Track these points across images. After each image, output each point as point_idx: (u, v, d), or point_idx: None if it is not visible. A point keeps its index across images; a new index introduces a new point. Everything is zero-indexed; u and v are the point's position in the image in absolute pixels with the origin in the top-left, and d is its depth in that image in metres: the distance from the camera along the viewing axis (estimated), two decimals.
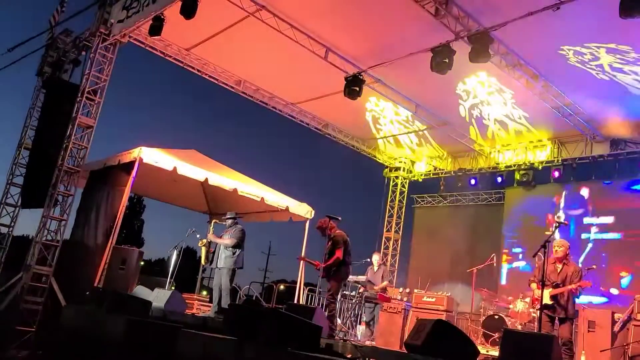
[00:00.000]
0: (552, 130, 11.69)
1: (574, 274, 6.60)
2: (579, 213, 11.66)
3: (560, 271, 6.66)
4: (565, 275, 6.60)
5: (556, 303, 6.55)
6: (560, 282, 6.62)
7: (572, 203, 11.85)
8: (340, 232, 7.69)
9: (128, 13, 9.19)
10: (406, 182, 15.33)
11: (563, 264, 6.71)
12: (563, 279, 6.61)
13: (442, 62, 8.05)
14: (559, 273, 6.66)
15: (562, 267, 6.68)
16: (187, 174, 8.75)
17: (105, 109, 9.51)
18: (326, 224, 7.72)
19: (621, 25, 6.84)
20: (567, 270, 6.63)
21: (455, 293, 11.96)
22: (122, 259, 8.61)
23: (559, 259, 6.74)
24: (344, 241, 7.56)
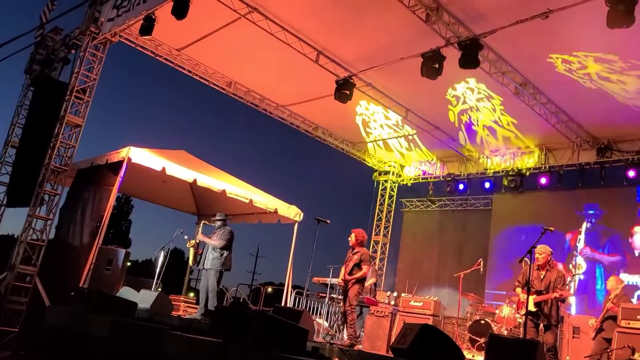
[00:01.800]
0: (540, 137, 11.79)
1: (557, 280, 6.61)
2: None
3: (544, 278, 6.68)
4: (549, 281, 6.62)
5: (540, 310, 6.58)
6: (543, 289, 6.63)
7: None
8: (366, 249, 7.99)
9: (118, 12, 9.14)
10: (395, 186, 15.38)
11: (546, 270, 6.73)
12: (546, 286, 6.62)
13: (432, 67, 8.09)
14: (542, 280, 6.68)
15: (545, 274, 6.71)
16: (176, 175, 8.72)
17: (94, 108, 9.45)
18: (364, 237, 8.03)
19: (608, 34, 6.93)
20: (551, 277, 6.65)
21: (442, 297, 12.04)
22: (108, 260, 8.54)
23: (541, 265, 6.77)
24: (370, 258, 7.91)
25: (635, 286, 10.38)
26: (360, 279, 7.74)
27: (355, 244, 7.92)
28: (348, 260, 7.87)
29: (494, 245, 13.08)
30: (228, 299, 11.99)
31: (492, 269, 12.54)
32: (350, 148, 14.34)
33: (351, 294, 7.68)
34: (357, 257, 7.74)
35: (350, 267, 7.71)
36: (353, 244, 7.94)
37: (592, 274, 11.29)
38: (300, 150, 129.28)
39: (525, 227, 12.12)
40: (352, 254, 7.89)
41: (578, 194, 11.89)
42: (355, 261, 7.70)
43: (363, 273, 7.71)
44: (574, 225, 11.80)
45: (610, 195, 11.48)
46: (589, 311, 9.91)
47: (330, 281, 9.91)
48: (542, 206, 12.39)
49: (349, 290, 7.70)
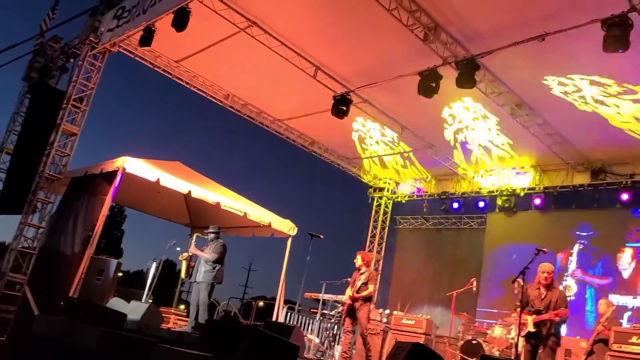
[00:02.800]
0: (534, 157, 11.85)
1: (558, 301, 6.35)
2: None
3: (545, 297, 6.42)
4: (549, 301, 6.36)
5: (539, 331, 6.33)
6: (543, 308, 6.38)
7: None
8: (372, 270, 8.15)
9: (119, 22, 9.20)
10: (390, 203, 15.38)
11: (547, 290, 6.47)
12: (547, 306, 6.36)
13: (429, 86, 8.16)
14: (542, 299, 6.42)
15: (546, 294, 6.44)
16: (170, 186, 8.69)
17: (90, 118, 9.45)
18: (370, 259, 8.26)
19: (604, 58, 7.02)
20: (552, 297, 6.39)
21: (435, 316, 11.98)
22: (99, 270, 8.44)
23: (543, 285, 6.48)
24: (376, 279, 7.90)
25: (625, 307, 10.38)
26: (367, 298, 7.88)
27: (362, 265, 8.02)
28: (355, 280, 7.94)
29: (486, 264, 13.06)
30: (219, 312, 11.90)
31: (485, 288, 12.51)
32: (345, 164, 14.36)
33: (362, 317, 7.80)
34: (365, 277, 7.84)
35: (358, 287, 7.80)
36: (360, 265, 8.03)
37: (582, 295, 11.28)
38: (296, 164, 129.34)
39: (518, 247, 12.12)
40: (359, 274, 7.96)
41: (571, 215, 11.93)
42: (363, 281, 7.81)
43: (370, 292, 7.83)
44: (565, 246, 11.82)
45: (603, 217, 11.52)
46: (578, 332, 9.87)
47: (322, 297, 9.86)
48: (535, 226, 12.40)
49: (357, 311, 7.79)
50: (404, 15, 7.82)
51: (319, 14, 8.48)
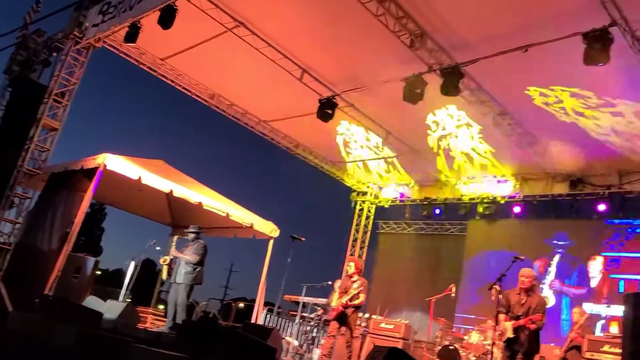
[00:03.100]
0: (515, 166, 11.99)
1: (537, 307, 6.33)
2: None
3: (524, 303, 6.40)
4: (529, 307, 6.34)
5: (518, 337, 6.30)
6: (522, 314, 6.35)
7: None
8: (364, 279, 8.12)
9: (104, 18, 9.12)
10: (372, 207, 15.43)
11: (527, 295, 6.43)
12: (525, 311, 6.34)
13: (414, 92, 8.23)
14: (522, 305, 6.40)
15: (526, 299, 6.41)
16: (152, 184, 8.62)
17: (72, 113, 9.35)
18: (362, 266, 8.24)
19: (585, 71, 7.14)
20: (531, 303, 6.36)
21: (414, 321, 12.03)
22: (76, 267, 8.34)
23: (524, 289, 6.45)
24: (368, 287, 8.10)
25: (598, 316, 10.55)
26: (358, 306, 7.94)
27: (355, 273, 8.02)
28: (346, 287, 7.94)
29: (466, 270, 13.19)
30: (198, 313, 11.81)
31: (463, 294, 12.61)
32: (329, 167, 14.38)
33: (352, 323, 7.88)
34: (358, 285, 7.86)
35: (350, 294, 7.81)
36: (352, 273, 8.03)
37: (558, 304, 11.45)
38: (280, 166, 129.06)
39: (497, 254, 12.24)
40: (351, 282, 7.96)
41: (549, 224, 12.10)
42: (355, 289, 7.83)
43: (361, 301, 7.88)
44: (543, 254, 12.00)
45: (580, 227, 11.73)
46: (553, 339, 10.00)
47: (302, 299, 9.85)
48: (515, 234, 12.55)
49: (347, 318, 7.82)
50: (391, 22, 7.88)
51: (307, 17, 8.49)
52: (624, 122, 9.10)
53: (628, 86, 8.17)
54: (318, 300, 10.48)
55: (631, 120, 9.02)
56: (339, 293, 8.04)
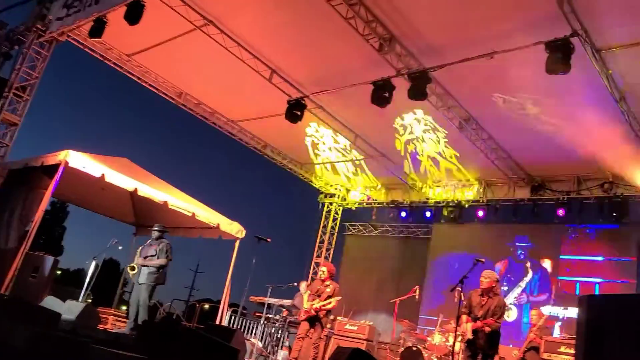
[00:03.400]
0: (479, 171, 12.23)
1: (496, 309, 6.44)
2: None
3: (484, 304, 6.51)
4: (488, 309, 6.46)
5: (476, 338, 6.41)
6: (481, 316, 6.46)
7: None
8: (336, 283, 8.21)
9: (69, 11, 8.91)
10: (340, 209, 15.50)
11: (488, 297, 6.54)
12: (485, 313, 6.46)
13: (382, 96, 8.31)
14: (482, 306, 6.51)
15: (486, 301, 6.52)
16: (116, 183, 8.45)
17: (33, 108, 9.09)
18: (334, 271, 8.30)
19: (547, 80, 7.35)
20: (491, 304, 6.48)
21: (379, 322, 12.14)
22: (34, 266, 8.09)
23: (484, 290, 6.56)
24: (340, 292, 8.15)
25: (556, 317, 10.86)
26: (327, 314, 8.08)
27: (327, 277, 8.08)
28: (319, 291, 7.98)
29: (430, 272, 13.38)
30: (161, 314, 11.63)
31: (427, 296, 12.81)
32: (297, 168, 14.38)
33: (323, 325, 7.99)
34: (331, 290, 7.93)
35: (323, 299, 7.88)
36: (325, 277, 8.07)
37: (519, 307, 11.72)
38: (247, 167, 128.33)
39: (460, 257, 12.47)
40: (324, 286, 8.00)
41: (511, 228, 12.40)
42: (328, 293, 7.90)
43: (333, 306, 7.99)
44: (504, 256, 12.30)
45: (541, 231, 12.07)
46: (513, 341, 10.24)
47: (267, 301, 9.81)
48: (478, 237, 12.81)
49: (320, 320, 7.88)
50: (361, 25, 7.94)
51: (276, 17, 8.47)
52: (583, 130, 9.38)
53: (587, 96, 8.43)
54: (283, 302, 10.47)
55: (589, 129, 9.30)
56: (310, 296, 8.05)
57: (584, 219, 11.31)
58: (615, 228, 10.86)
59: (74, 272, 38.96)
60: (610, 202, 10.55)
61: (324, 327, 8.15)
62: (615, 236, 10.87)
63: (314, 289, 8.11)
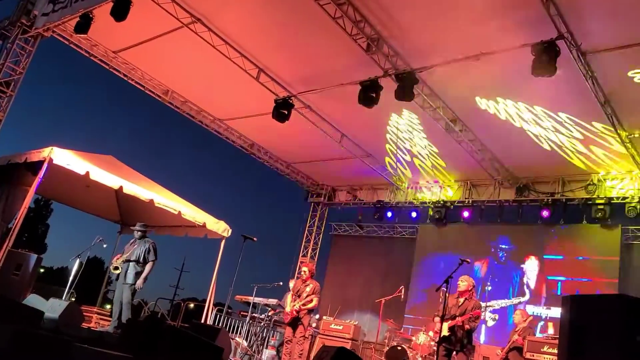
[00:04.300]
0: (465, 172, 12.32)
1: (473, 309, 6.84)
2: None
3: (461, 305, 6.92)
4: (465, 309, 6.85)
5: (453, 335, 6.78)
6: (458, 314, 6.85)
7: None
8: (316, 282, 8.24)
9: (54, 7, 8.81)
10: (326, 209, 15.51)
11: (465, 298, 6.97)
12: (462, 312, 6.84)
13: (370, 96, 8.34)
14: (459, 306, 6.92)
15: (463, 301, 6.95)
16: (101, 180, 8.35)
17: (17, 103, 8.98)
18: (314, 270, 8.32)
19: (533, 83, 7.45)
20: (468, 305, 6.89)
21: (364, 322, 12.18)
22: (17, 264, 8.00)
23: (461, 292, 7.02)
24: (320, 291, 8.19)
25: (539, 317, 10.98)
26: (309, 312, 8.08)
27: (308, 277, 8.13)
28: (299, 291, 8.04)
29: (415, 272, 13.45)
30: (146, 312, 11.55)
31: (412, 295, 12.87)
32: (284, 168, 14.36)
33: (305, 324, 8.00)
34: (310, 289, 7.98)
35: (303, 298, 7.92)
36: (307, 277, 8.12)
37: (503, 310, 11.80)
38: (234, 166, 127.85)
39: (445, 257, 12.56)
40: (303, 285, 8.06)
41: (496, 228, 12.51)
42: (308, 293, 7.94)
43: (314, 305, 8.03)
44: (485, 255, 12.41)
45: (524, 232, 12.21)
46: (497, 342, 10.32)
47: (253, 300, 9.79)
48: (463, 238, 12.93)
49: (301, 319, 7.92)
50: (349, 25, 7.95)
51: (265, 16, 8.46)
52: (566, 132, 9.51)
53: (571, 98, 8.54)
54: (269, 301, 10.44)
55: (572, 131, 9.44)
56: (292, 297, 8.09)
57: (568, 219, 11.46)
58: (598, 228, 11.00)
59: (57, 270, 38.55)
60: (594, 203, 10.70)
61: (307, 327, 8.15)
62: (599, 236, 11.02)
63: (295, 289, 8.16)
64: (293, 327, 7.98)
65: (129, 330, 4.98)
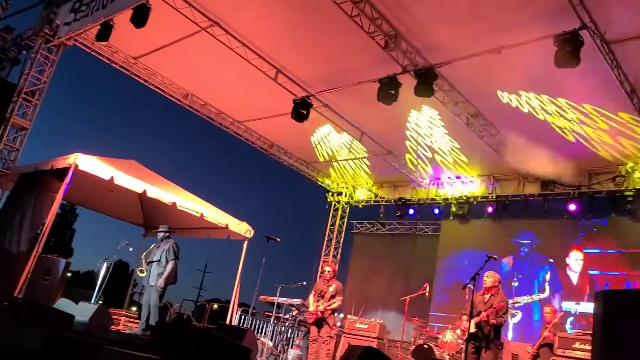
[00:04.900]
0: (488, 166, 12.17)
1: (499, 305, 6.76)
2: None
3: (487, 301, 6.87)
4: (491, 305, 6.79)
5: (480, 332, 6.72)
6: (484, 311, 6.77)
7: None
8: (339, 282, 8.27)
9: (76, 16, 8.94)
10: (347, 207, 15.49)
11: (491, 294, 6.91)
12: (487, 309, 6.77)
13: (389, 93, 8.29)
14: (485, 303, 6.86)
15: (489, 297, 6.90)
16: (125, 185, 8.49)
17: (42, 112, 9.16)
18: (337, 270, 8.39)
19: (555, 75, 7.32)
20: (494, 301, 6.82)
21: (388, 321, 12.11)
22: (46, 269, 8.16)
23: (487, 289, 6.96)
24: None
25: (568, 312, 10.79)
26: (332, 312, 8.13)
27: (331, 277, 8.17)
28: (322, 291, 8.06)
29: (439, 269, 13.33)
30: (171, 314, 11.67)
31: (437, 293, 12.76)
32: (304, 167, 14.38)
33: (330, 323, 8.06)
34: (334, 289, 8.00)
35: (327, 299, 7.94)
36: (330, 277, 8.16)
37: (528, 306, 11.62)
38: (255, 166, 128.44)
39: (470, 253, 12.42)
40: (326, 285, 8.08)
41: (521, 223, 12.32)
42: (331, 293, 7.97)
43: (338, 304, 8.08)
44: (511, 252, 12.22)
45: (551, 227, 11.97)
46: (525, 339, 10.16)
47: (277, 300, 9.82)
48: (487, 234, 12.76)
49: (327, 319, 7.95)
50: (366, 23, 7.91)
51: (281, 17, 8.47)
52: (591, 124, 9.32)
53: (596, 89, 8.37)
54: (293, 301, 10.46)
55: (597, 123, 9.25)
56: (314, 297, 8.10)
57: (596, 213, 11.21)
58: (628, 221, 10.74)
59: (84, 274, 39.21)
60: (623, 196, 10.47)
61: (332, 326, 8.16)
62: (628, 228, 10.76)
63: (317, 289, 8.16)
64: (318, 327, 7.99)
65: (158, 332, 5.03)
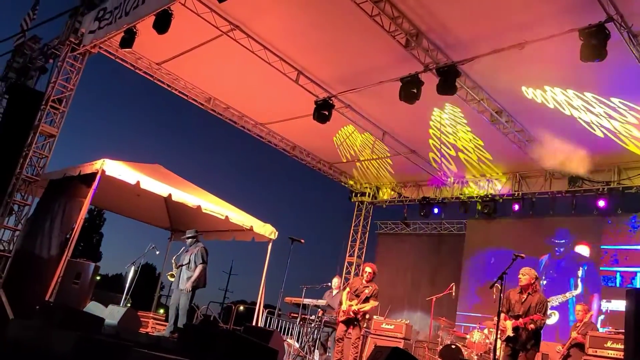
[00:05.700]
0: (514, 164, 11.99)
1: (537, 306, 6.35)
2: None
3: (524, 301, 6.44)
4: (529, 306, 6.38)
5: (518, 335, 6.35)
6: (522, 313, 6.38)
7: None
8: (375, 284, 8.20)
9: (100, 24, 9.11)
10: (371, 207, 15.43)
11: (528, 294, 6.47)
12: (526, 310, 6.38)
13: (411, 92, 8.23)
14: (522, 303, 6.45)
15: (526, 297, 6.45)
16: (150, 189, 8.62)
17: (69, 119, 9.35)
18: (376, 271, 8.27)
19: (581, 69, 7.17)
20: (532, 301, 6.40)
21: (414, 321, 12.05)
22: (76, 273, 8.31)
23: (523, 287, 6.52)
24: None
25: (599, 310, 10.55)
26: (364, 315, 8.12)
27: (370, 278, 8.12)
28: (357, 291, 8.02)
29: (465, 269, 13.19)
30: (198, 316, 11.79)
31: (464, 293, 12.62)
32: (327, 168, 14.38)
33: (362, 325, 8.07)
34: (370, 291, 7.97)
35: (362, 300, 7.92)
36: (369, 278, 8.11)
37: (564, 304, 11.40)
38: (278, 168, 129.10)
39: (496, 252, 12.27)
40: (363, 287, 8.04)
41: (548, 221, 12.11)
42: (367, 294, 7.94)
43: (373, 307, 8.07)
44: (543, 251, 11.98)
45: (580, 224, 11.73)
46: (560, 341, 9.92)
47: (302, 301, 9.83)
48: (514, 232, 12.56)
49: (359, 321, 7.94)
50: (386, 22, 7.87)
51: (301, 19, 8.49)
52: (620, 118, 9.11)
53: (623, 82, 8.18)
54: (318, 302, 10.45)
55: (626, 117, 9.03)
56: (348, 294, 8.04)
57: (626, 208, 10.95)
58: None
59: (112, 278, 39.93)
60: None
61: (363, 327, 8.15)
62: None
63: (353, 287, 8.10)
64: (347, 325, 7.93)
65: (186, 334, 5.09)
